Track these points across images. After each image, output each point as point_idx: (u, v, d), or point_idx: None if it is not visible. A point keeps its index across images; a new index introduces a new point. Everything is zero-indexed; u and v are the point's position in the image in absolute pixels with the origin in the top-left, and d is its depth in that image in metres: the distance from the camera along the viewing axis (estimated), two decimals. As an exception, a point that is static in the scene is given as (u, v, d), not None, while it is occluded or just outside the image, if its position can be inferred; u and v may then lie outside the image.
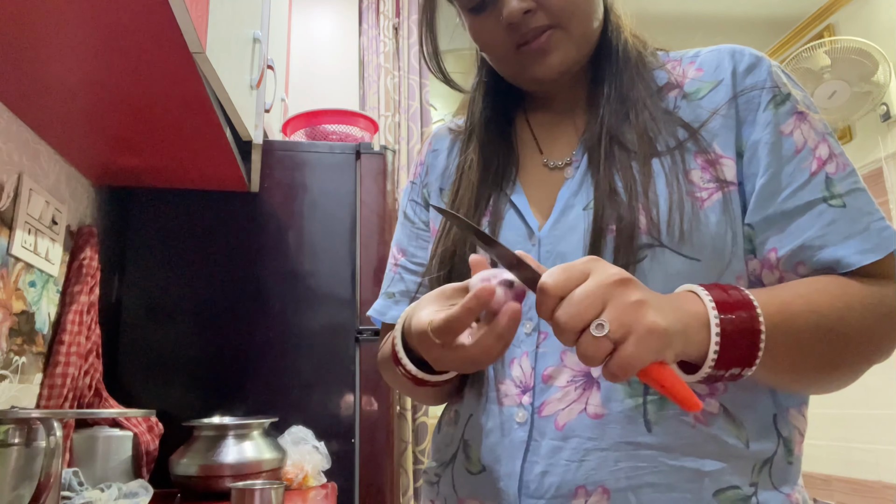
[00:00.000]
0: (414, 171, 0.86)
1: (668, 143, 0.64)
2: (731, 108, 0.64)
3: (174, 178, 1.51)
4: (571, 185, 0.67)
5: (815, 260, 0.59)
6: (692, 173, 0.63)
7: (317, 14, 2.86)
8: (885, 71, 2.66)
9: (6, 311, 1.10)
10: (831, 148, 0.62)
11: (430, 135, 0.88)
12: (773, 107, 0.63)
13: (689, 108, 0.66)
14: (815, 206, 0.60)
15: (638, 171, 0.63)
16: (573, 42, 0.67)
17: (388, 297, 0.81)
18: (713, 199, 0.62)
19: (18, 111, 1.12)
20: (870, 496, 2.75)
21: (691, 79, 0.68)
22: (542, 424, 0.61)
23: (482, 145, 0.75)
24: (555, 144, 0.73)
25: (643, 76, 0.69)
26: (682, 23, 3.21)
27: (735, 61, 0.66)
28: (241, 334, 1.59)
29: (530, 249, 0.66)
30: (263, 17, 1.45)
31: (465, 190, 0.73)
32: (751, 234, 0.62)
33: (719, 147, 0.64)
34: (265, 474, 1.26)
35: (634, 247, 0.59)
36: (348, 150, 1.76)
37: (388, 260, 0.85)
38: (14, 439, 0.85)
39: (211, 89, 1.07)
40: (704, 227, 0.60)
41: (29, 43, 0.90)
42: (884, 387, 2.70)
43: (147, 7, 0.81)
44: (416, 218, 0.82)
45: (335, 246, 1.68)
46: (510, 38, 0.67)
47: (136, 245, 1.59)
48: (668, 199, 0.61)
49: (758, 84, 0.64)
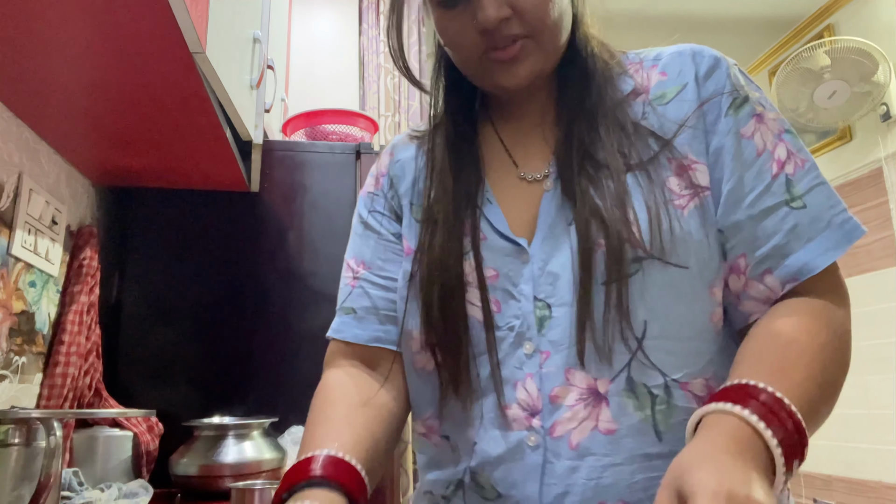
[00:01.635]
0: (374, 182, 0.81)
1: (640, 156, 0.64)
2: (699, 116, 0.65)
3: (174, 178, 1.52)
4: (553, 198, 0.66)
5: (781, 268, 0.60)
6: (669, 181, 0.63)
7: (317, 14, 2.85)
8: (885, 71, 2.66)
9: (6, 311, 1.10)
10: (788, 147, 0.63)
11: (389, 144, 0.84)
12: (732, 111, 0.64)
13: (655, 115, 0.66)
14: (777, 211, 0.61)
15: (614, 187, 0.63)
16: (543, 53, 0.66)
17: (347, 314, 0.76)
18: (691, 205, 0.62)
19: (18, 111, 1.12)
20: (870, 496, 2.75)
21: (656, 83, 0.68)
22: (556, 445, 0.60)
23: (450, 153, 0.73)
24: (527, 156, 0.72)
25: (610, 86, 0.68)
26: (682, 23, 3.21)
27: (696, 64, 0.67)
28: (241, 334, 1.58)
29: (521, 268, 0.65)
30: (263, 17, 1.45)
31: (439, 205, 0.70)
32: (722, 240, 0.63)
33: (692, 153, 0.64)
34: (265, 474, 1.26)
35: (625, 261, 0.60)
36: (348, 150, 1.76)
37: (343, 274, 0.79)
38: (14, 439, 0.85)
39: (211, 89, 1.07)
40: (688, 235, 0.61)
41: (29, 43, 0.90)
42: (884, 387, 2.70)
43: (147, 7, 0.81)
44: (384, 230, 0.77)
45: (335, 246, 1.68)
46: (481, 41, 0.65)
47: (136, 245, 1.59)
48: (647, 212, 0.61)
49: (718, 89, 0.65)
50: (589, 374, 0.60)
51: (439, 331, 0.66)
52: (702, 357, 0.61)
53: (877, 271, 2.78)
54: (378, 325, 0.74)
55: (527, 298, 0.64)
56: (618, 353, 0.60)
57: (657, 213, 0.61)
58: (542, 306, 0.63)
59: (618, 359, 0.60)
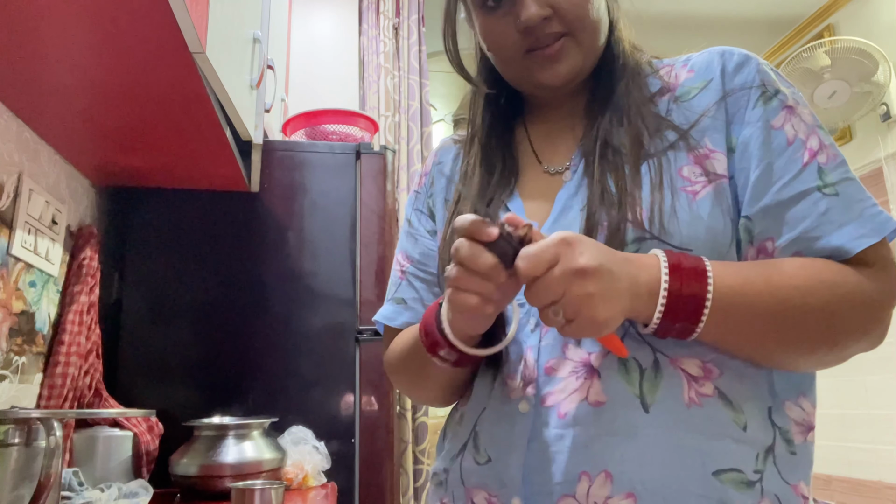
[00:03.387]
0: (418, 181, 0.88)
1: (657, 145, 0.66)
2: (721, 107, 0.67)
3: (174, 178, 1.52)
4: (569, 187, 0.69)
5: (811, 250, 0.61)
6: (684, 169, 0.65)
7: (317, 14, 2.86)
8: (885, 71, 2.66)
9: (6, 311, 1.10)
10: (821, 139, 0.64)
11: (435, 146, 0.90)
12: (762, 103, 0.65)
13: (679, 110, 0.68)
14: (809, 195, 0.61)
15: (629, 173, 0.65)
16: (582, 52, 0.69)
17: (398, 303, 0.83)
18: (705, 191, 0.64)
19: (18, 111, 1.12)
20: (870, 496, 2.75)
21: (683, 81, 0.70)
22: (546, 413, 0.63)
23: (483, 155, 0.78)
24: (554, 152, 0.75)
25: (638, 84, 0.71)
26: (682, 23, 3.21)
27: (724, 60, 0.68)
28: (241, 334, 1.58)
29: None
30: (263, 17, 1.45)
31: (465, 199, 0.75)
32: (749, 226, 0.64)
33: (710, 143, 0.66)
34: (265, 474, 1.26)
35: (620, 241, 0.62)
36: (348, 150, 1.76)
37: (394, 266, 0.86)
38: (14, 439, 0.85)
39: (211, 89, 1.07)
40: (696, 219, 0.63)
41: (29, 43, 0.90)
42: (884, 387, 2.70)
43: (147, 7, 0.81)
44: (422, 227, 0.84)
45: (335, 246, 1.68)
46: (523, 41, 0.69)
47: (136, 245, 1.59)
48: (648, 195, 0.64)
49: (746, 83, 0.67)
50: (584, 349, 0.63)
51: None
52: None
53: (877, 271, 2.78)
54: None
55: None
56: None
57: (659, 197, 0.63)
58: None
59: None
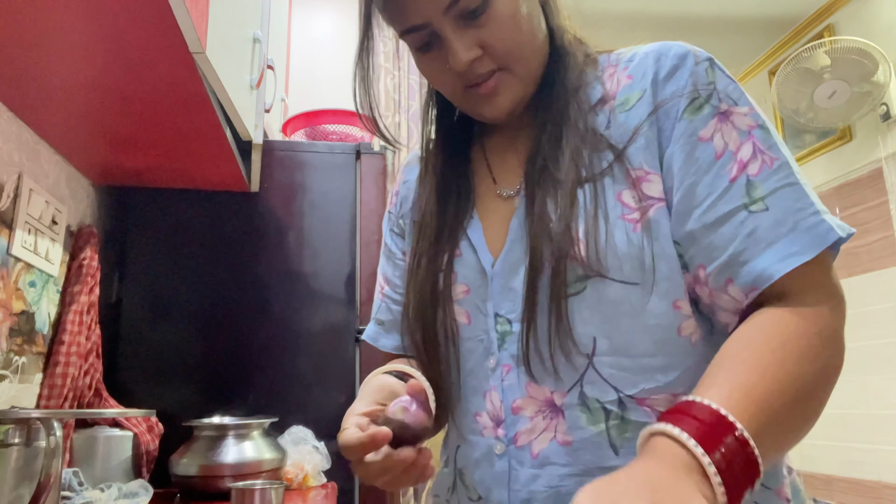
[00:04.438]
0: (390, 200, 0.87)
1: (594, 168, 0.63)
2: (652, 122, 0.63)
3: (174, 178, 1.52)
4: (519, 214, 0.67)
5: (740, 276, 0.57)
6: (623, 194, 0.62)
7: (317, 14, 2.85)
8: (885, 71, 2.66)
9: (6, 311, 1.10)
10: (757, 144, 0.59)
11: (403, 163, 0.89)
12: (689, 114, 0.61)
13: (616, 123, 0.65)
14: (735, 216, 0.58)
15: (565, 203, 0.62)
16: (519, 81, 0.67)
17: (378, 325, 0.83)
18: (645, 218, 0.61)
19: (18, 111, 1.12)
20: (870, 496, 2.74)
21: (622, 87, 0.67)
22: (519, 454, 0.63)
23: (438, 179, 0.75)
24: (506, 172, 0.73)
25: (580, 95, 0.68)
26: (682, 23, 3.21)
27: (657, 67, 0.64)
28: (241, 334, 1.58)
29: (486, 285, 0.67)
30: (263, 17, 1.45)
31: (426, 227, 0.74)
32: (680, 251, 0.61)
33: (645, 164, 0.62)
34: (265, 474, 1.26)
35: (563, 282, 0.60)
36: (348, 150, 1.76)
37: (376, 285, 0.86)
38: (14, 439, 0.85)
39: (211, 89, 1.07)
40: (637, 250, 0.60)
41: (29, 43, 0.90)
42: (884, 387, 2.70)
43: (147, 7, 0.81)
44: (396, 249, 0.84)
45: (335, 246, 1.68)
46: (458, 80, 0.67)
47: (136, 245, 1.59)
48: (585, 229, 0.61)
49: (676, 91, 0.62)
50: (545, 387, 0.62)
51: (419, 344, 0.71)
52: (666, 372, 0.60)
53: (877, 271, 2.78)
54: (400, 336, 0.80)
55: (490, 316, 0.67)
56: (566, 369, 0.61)
57: (595, 230, 0.60)
58: (504, 322, 0.66)
59: (567, 374, 0.61)
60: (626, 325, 0.61)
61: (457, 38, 0.63)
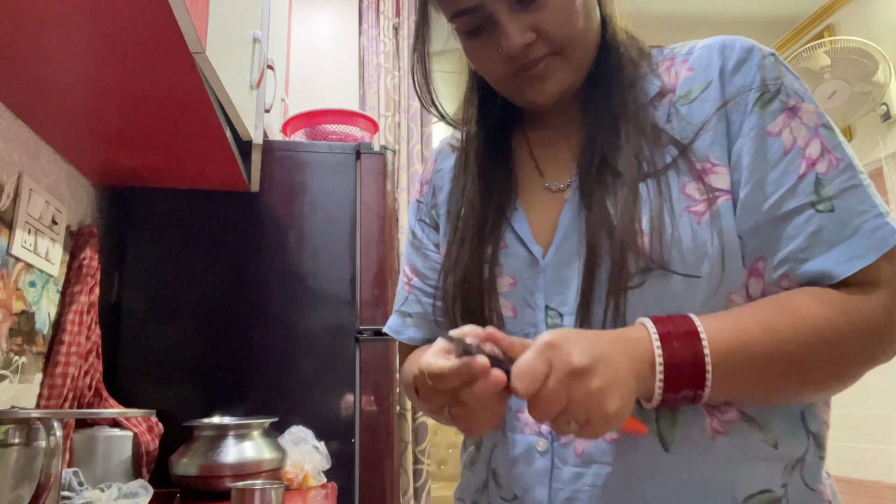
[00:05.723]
0: (419, 188, 0.85)
1: (656, 163, 0.62)
2: (721, 116, 0.62)
3: (174, 178, 1.51)
4: (571, 207, 0.66)
5: (798, 273, 0.57)
6: (687, 186, 0.61)
7: (317, 14, 2.85)
8: (885, 71, 2.66)
9: (6, 311, 1.10)
10: (824, 143, 0.59)
11: (434, 147, 0.86)
12: (759, 108, 0.61)
13: (679, 117, 0.64)
14: (801, 213, 0.58)
15: (627, 197, 0.61)
16: (571, 67, 0.66)
17: (403, 316, 0.81)
18: (708, 211, 0.60)
19: (18, 111, 1.12)
20: (870, 496, 2.74)
21: (683, 79, 0.66)
22: (563, 452, 0.61)
23: (480, 167, 0.74)
24: (554, 165, 0.72)
25: (636, 88, 0.67)
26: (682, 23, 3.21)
27: (724, 59, 0.64)
28: (242, 334, 1.58)
29: (536, 277, 0.66)
30: (263, 17, 1.45)
31: (468, 218, 0.72)
32: (741, 245, 0.60)
33: (713, 156, 0.61)
34: (265, 474, 1.26)
35: (625, 275, 0.59)
36: (348, 150, 1.76)
37: (401, 277, 0.84)
38: (14, 439, 0.85)
39: (211, 89, 1.07)
40: (702, 244, 0.59)
41: (29, 43, 0.89)
42: (884, 387, 2.70)
43: (147, 7, 0.81)
44: (427, 240, 0.81)
45: (335, 246, 1.68)
46: (508, 65, 0.65)
47: (136, 245, 1.59)
48: (650, 223, 0.60)
49: (745, 84, 0.62)
50: None
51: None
52: None
53: (877, 271, 2.78)
54: (432, 329, 0.79)
55: (539, 308, 0.65)
56: None
57: (660, 223, 0.59)
58: (554, 315, 0.64)
59: None
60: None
61: (510, 21, 0.62)
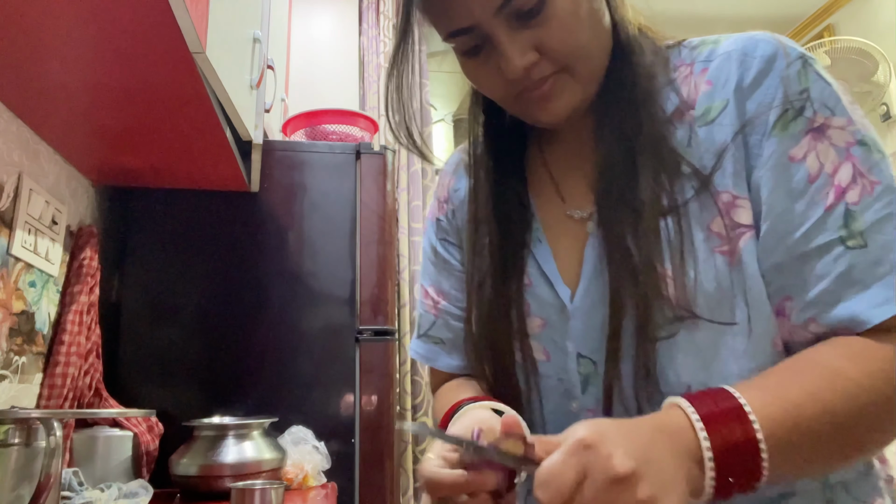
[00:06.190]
0: (437, 207, 0.79)
1: (676, 197, 0.56)
2: (739, 140, 0.56)
3: (174, 178, 1.51)
4: (594, 243, 0.61)
5: (827, 318, 0.51)
6: (714, 223, 0.55)
7: (317, 14, 2.85)
8: (885, 71, 2.66)
9: (6, 311, 1.10)
10: (857, 166, 0.52)
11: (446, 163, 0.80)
12: (779, 129, 0.54)
13: (698, 142, 0.58)
14: (830, 250, 0.51)
15: (648, 235, 0.56)
16: (579, 83, 0.60)
17: (436, 343, 0.76)
18: (739, 250, 0.55)
19: (18, 111, 1.12)
20: (870, 496, 2.74)
21: (702, 95, 0.59)
22: None
23: (491, 190, 0.68)
24: (575, 190, 0.66)
25: (651, 106, 0.60)
26: (682, 23, 3.21)
27: (741, 71, 0.57)
28: (242, 334, 1.58)
29: (565, 322, 0.62)
30: (263, 17, 1.45)
31: (483, 246, 0.67)
32: (765, 284, 0.55)
33: (734, 187, 0.55)
34: (265, 474, 1.26)
35: (651, 326, 0.54)
36: (348, 150, 1.76)
37: (424, 299, 0.78)
38: (14, 439, 0.85)
39: (211, 89, 1.07)
40: (727, 287, 0.54)
41: (29, 43, 0.89)
42: None
43: (147, 7, 0.81)
44: (453, 259, 0.76)
45: (335, 246, 1.68)
46: (511, 86, 0.59)
47: (136, 245, 1.59)
48: (672, 266, 0.54)
49: (764, 102, 0.55)
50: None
51: (490, 379, 0.66)
52: None
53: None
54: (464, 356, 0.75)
55: (570, 356, 0.62)
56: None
57: (682, 266, 0.54)
58: (587, 363, 0.61)
59: None
60: (726, 370, 0.54)
61: (510, 41, 0.56)
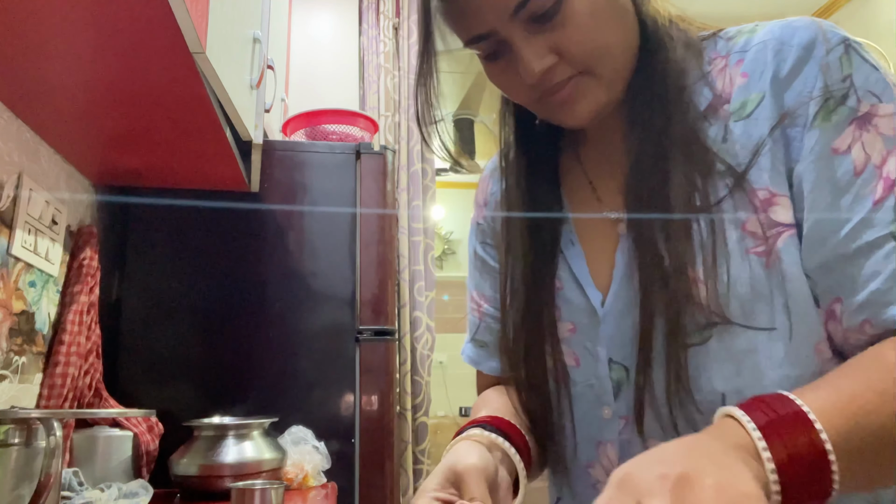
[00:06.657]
0: (479, 211, 0.79)
1: (708, 196, 0.55)
2: (778, 135, 0.54)
3: (174, 178, 1.51)
4: (626, 247, 0.60)
5: (883, 318, 0.49)
6: (749, 223, 0.53)
7: (317, 14, 2.86)
8: (885, 71, 2.66)
9: (6, 311, 1.10)
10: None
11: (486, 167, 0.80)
12: (821, 120, 0.51)
13: (733, 138, 0.56)
14: (881, 247, 0.49)
15: (679, 237, 0.54)
16: (603, 84, 0.57)
17: (481, 346, 0.77)
18: (773, 251, 0.53)
19: (18, 111, 1.12)
20: (870, 496, 2.74)
21: (737, 88, 0.57)
22: None
23: (524, 193, 0.66)
24: (611, 190, 0.64)
25: (683, 101, 0.58)
26: (682, 23, 3.21)
27: (778, 62, 0.54)
28: (241, 334, 1.58)
29: (596, 327, 0.61)
30: (263, 17, 1.45)
31: (516, 249, 0.66)
32: (811, 285, 0.52)
33: (771, 184, 0.53)
34: (265, 474, 1.26)
35: (682, 333, 0.53)
36: (348, 150, 1.76)
37: (470, 303, 0.79)
38: (14, 439, 0.85)
39: (211, 89, 1.07)
40: (763, 290, 0.52)
41: (29, 43, 0.89)
42: (884, 387, 2.69)
43: (147, 7, 0.81)
44: (493, 262, 0.75)
45: (335, 246, 1.68)
46: (532, 91, 0.58)
47: (136, 245, 1.59)
48: (704, 269, 0.53)
49: (804, 92, 0.52)
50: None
51: (523, 383, 0.65)
52: None
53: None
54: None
55: (602, 361, 0.61)
56: (688, 431, 0.51)
57: (714, 269, 0.52)
58: (619, 369, 0.60)
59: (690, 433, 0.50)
60: (763, 378, 0.52)
61: (527, 45, 0.55)
